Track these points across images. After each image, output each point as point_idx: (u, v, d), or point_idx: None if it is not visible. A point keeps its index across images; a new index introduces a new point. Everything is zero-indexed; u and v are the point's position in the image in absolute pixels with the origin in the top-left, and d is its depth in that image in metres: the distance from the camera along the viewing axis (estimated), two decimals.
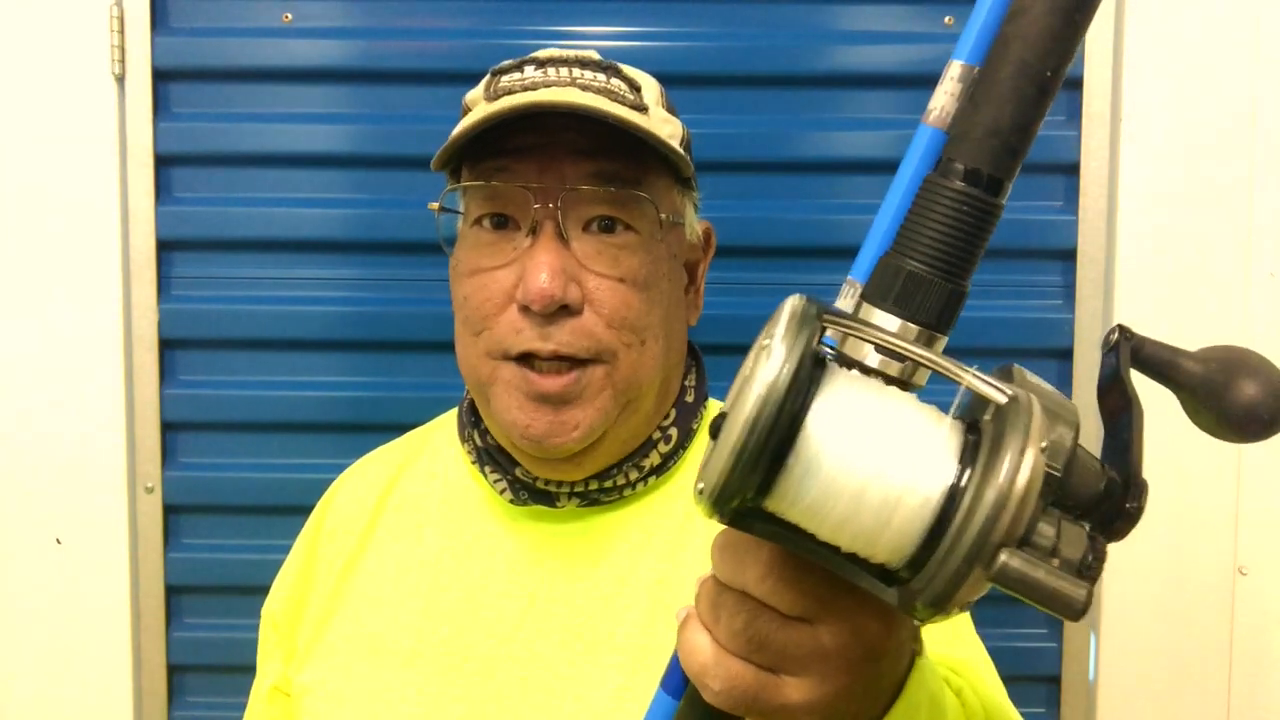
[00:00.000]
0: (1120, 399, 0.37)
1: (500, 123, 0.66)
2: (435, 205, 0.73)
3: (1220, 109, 1.10)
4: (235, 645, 1.09)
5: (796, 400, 0.33)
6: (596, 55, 0.73)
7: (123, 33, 1.11)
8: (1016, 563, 0.31)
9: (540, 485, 0.73)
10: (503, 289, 0.68)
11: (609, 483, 0.73)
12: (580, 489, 0.73)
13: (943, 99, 0.39)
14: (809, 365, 0.33)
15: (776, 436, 0.32)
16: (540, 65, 0.71)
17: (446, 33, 1.13)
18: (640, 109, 0.69)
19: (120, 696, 1.15)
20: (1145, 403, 0.37)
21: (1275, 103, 1.09)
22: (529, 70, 0.71)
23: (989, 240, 0.37)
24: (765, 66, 1.11)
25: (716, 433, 0.34)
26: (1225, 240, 1.10)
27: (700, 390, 0.79)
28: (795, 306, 0.34)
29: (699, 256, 0.79)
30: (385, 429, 0.90)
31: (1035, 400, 0.33)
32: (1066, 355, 1.13)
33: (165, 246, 1.14)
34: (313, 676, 0.74)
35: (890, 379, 0.37)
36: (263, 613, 0.81)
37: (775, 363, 0.32)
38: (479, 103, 0.71)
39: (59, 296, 1.13)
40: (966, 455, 0.33)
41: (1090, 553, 0.32)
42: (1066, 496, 0.33)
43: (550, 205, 0.67)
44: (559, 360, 0.67)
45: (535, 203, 0.67)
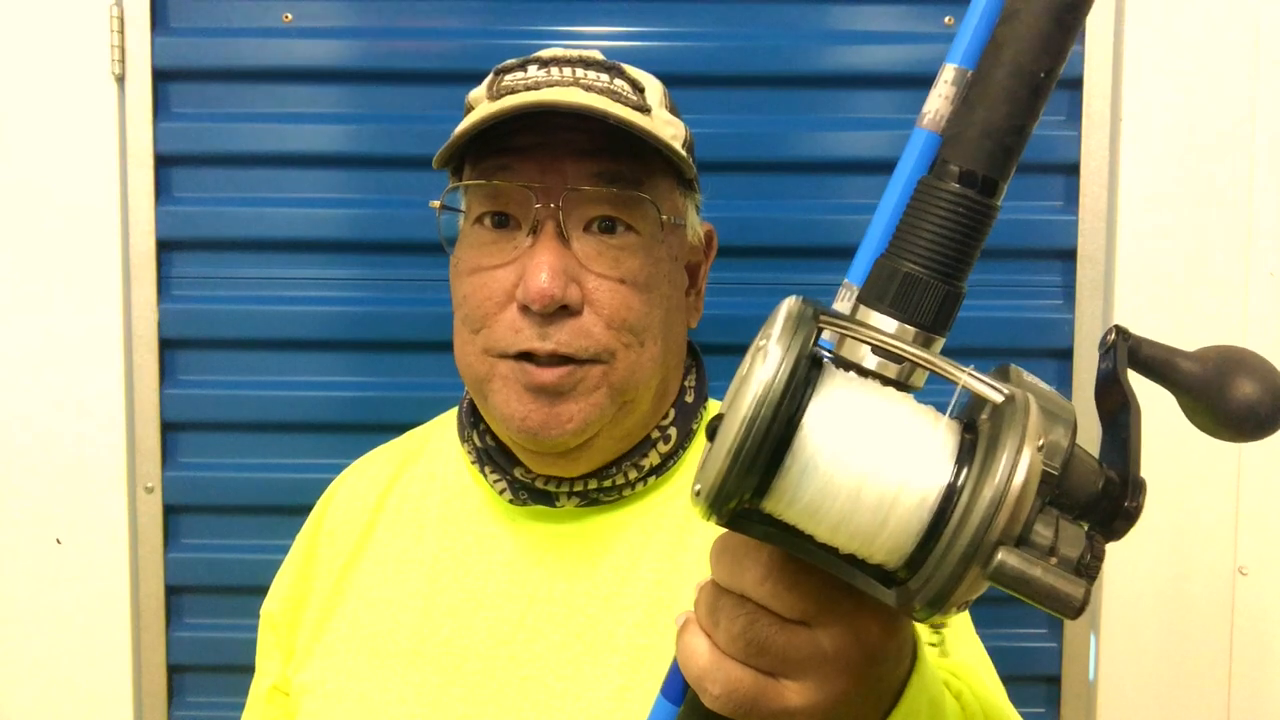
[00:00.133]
0: (1118, 399, 0.37)
1: (503, 122, 0.66)
2: (437, 203, 0.72)
3: (1220, 109, 1.10)
4: (235, 645, 1.09)
5: (793, 401, 0.33)
6: (600, 55, 0.73)
7: (123, 33, 1.11)
8: (1014, 561, 0.31)
9: (540, 485, 0.73)
10: (503, 288, 0.68)
11: (608, 482, 0.73)
12: (579, 489, 0.73)
13: (936, 102, 0.39)
14: (805, 366, 0.33)
15: (773, 437, 0.32)
16: (544, 65, 0.71)
17: (446, 33, 1.13)
18: (643, 110, 0.69)
19: (120, 696, 1.15)
20: (1144, 404, 0.37)
21: (1275, 103, 1.09)
22: (532, 69, 0.71)
23: (985, 241, 0.37)
24: (765, 66, 1.11)
25: (713, 434, 0.34)
26: (1225, 240, 1.10)
27: (700, 391, 0.79)
28: (791, 308, 0.34)
29: (700, 259, 0.79)
30: (385, 429, 0.90)
31: (1032, 399, 0.33)
32: (1066, 355, 1.13)
33: (165, 246, 1.14)
34: (312, 676, 0.74)
35: (888, 381, 0.37)
36: (261, 612, 0.81)
37: (771, 364, 0.32)
38: (482, 101, 0.71)
39: (59, 297, 1.13)
40: (963, 455, 0.33)
41: (1088, 552, 0.32)
42: (1064, 496, 0.34)
43: (551, 205, 0.67)
44: (557, 359, 0.67)
45: (536, 202, 0.67)
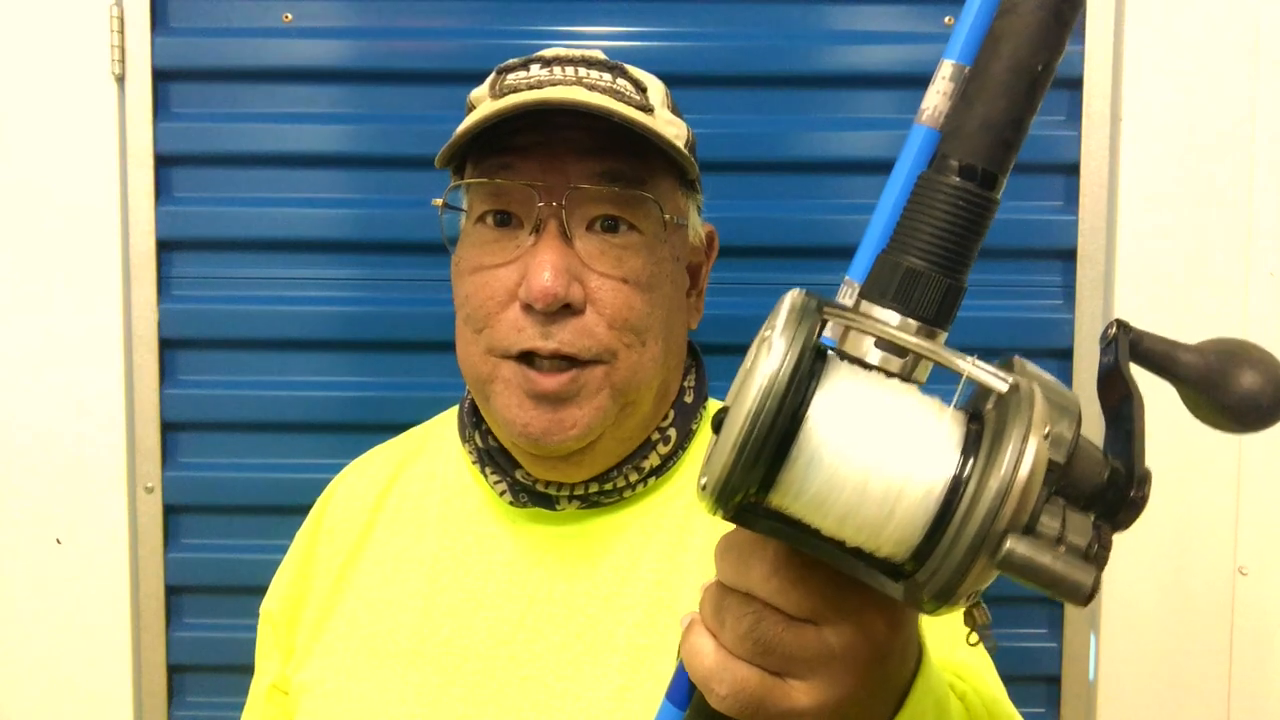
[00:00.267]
0: (1121, 391, 0.37)
1: (505, 120, 0.66)
2: (439, 201, 0.72)
3: (1220, 109, 1.09)
4: (235, 645, 1.09)
5: (798, 393, 0.33)
6: (602, 55, 0.73)
7: (123, 33, 1.11)
8: (1022, 549, 0.31)
9: (540, 488, 0.73)
10: (505, 287, 0.68)
11: (609, 485, 0.73)
12: (580, 492, 0.73)
13: (935, 98, 0.40)
14: (810, 358, 0.33)
15: (778, 430, 0.32)
16: (546, 64, 0.71)
17: (446, 33, 1.13)
18: (646, 109, 0.69)
19: (120, 696, 1.15)
20: (1144, 404, 0.36)
21: (1275, 103, 1.09)
22: (534, 69, 0.71)
23: (986, 235, 0.37)
24: (765, 66, 1.11)
25: (719, 427, 0.34)
26: (1225, 240, 1.10)
27: (700, 391, 0.78)
28: (795, 300, 0.34)
29: (701, 259, 0.79)
30: (385, 429, 0.90)
31: (1037, 389, 0.33)
32: (1066, 355, 1.13)
33: (165, 246, 1.14)
34: (311, 675, 0.74)
35: (891, 375, 0.37)
36: (261, 610, 0.81)
37: (776, 356, 0.32)
38: (484, 100, 0.70)
39: (59, 296, 1.13)
40: (969, 445, 0.33)
41: (1096, 541, 0.32)
42: (1070, 486, 0.33)
43: (554, 203, 0.67)
44: (559, 359, 0.67)
45: (539, 201, 0.67)
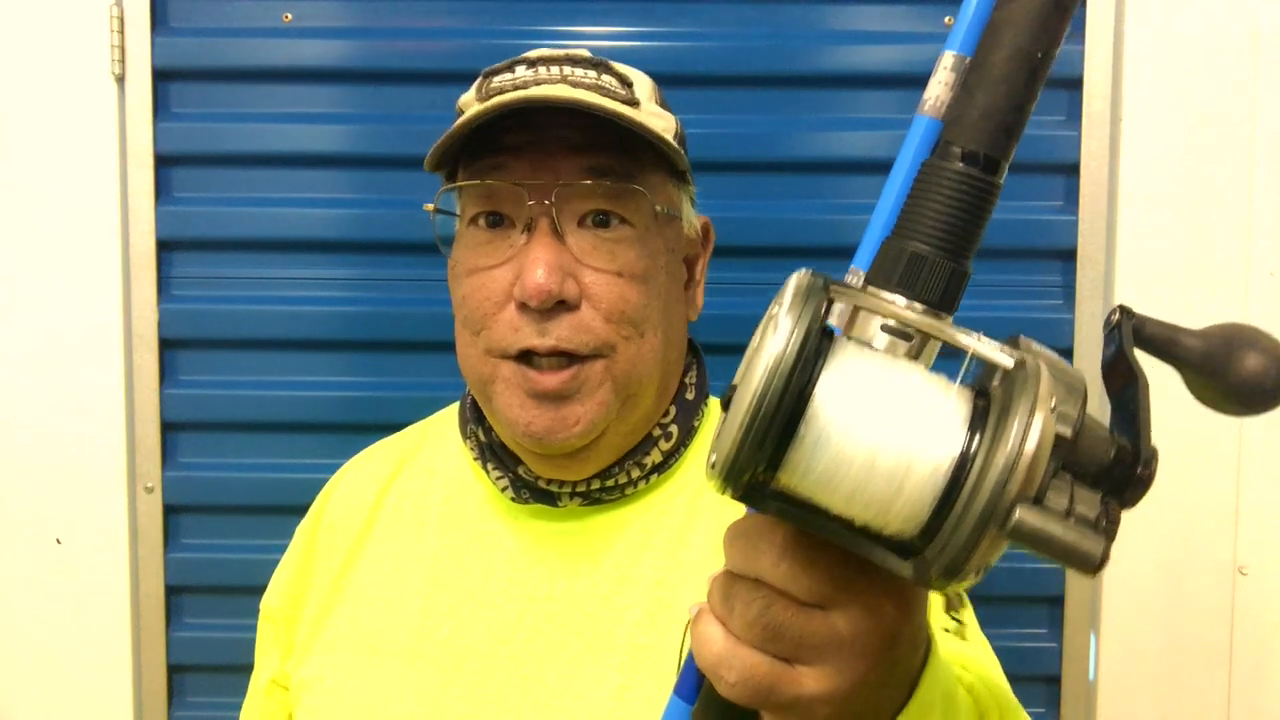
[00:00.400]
0: (1125, 375, 0.37)
1: (492, 121, 0.66)
2: (431, 206, 0.73)
3: (1220, 109, 1.09)
4: (235, 645, 1.08)
5: (805, 371, 0.33)
6: (587, 53, 0.73)
7: (123, 33, 1.11)
8: (1031, 519, 0.31)
9: (543, 485, 0.73)
10: (500, 287, 0.68)
11: (611, 481, 0.73)
12: (582, 489, 0.73)
13: (937, 89, 0.40)
14: (817, 335, 0.33)
15: (786, 407, 0.32)
16: (531, 65, 0.71)
17: (446, 33, 1.13)
18: (632, 104, 0.69)
19: (120, 696, 1.15)
20: (1149, 386, 0.37)
21: (1275, 103, 1.09)
22: (520, 70, 0.71)
23: (989, 220, 0.38)
24: (765, 66, 1.11)
25: (728, 405, 0.34)
26: (1225, 240, 1.10)
27: (701, 388, 0.79)
28: (801, 279, 0.35)
29: (698, 251, 0.79)
30: (385, 429, 0.90)
31: (1043, 364, 0.33)
32: (1067, 355, 1.13)
33: (165, 246, 1.14)
34: (311, 672, 0.74)
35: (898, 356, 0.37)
36: (260, 606, 0.81)
37: (783, 333, 0.33)
38: (472, 105, 0.71)
39: (59, 296, 1.13)
40: (976, 420, 0.33)
41: (1104, 516, 0.32)
42: (1077, 463, 0.33)
43: (544, 202, 0.67)
44: (558, 356, 0.67)
45: (529, 200, 0.67)
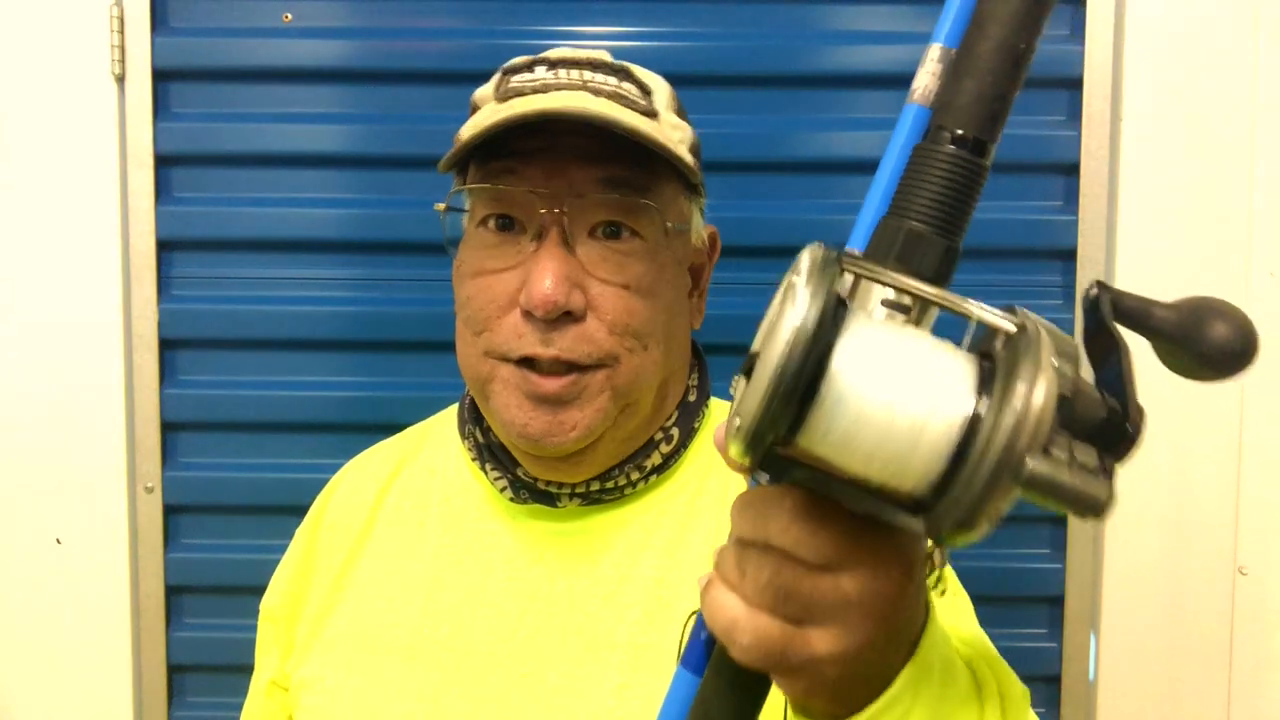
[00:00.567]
0: (1107, 343, 0.39)
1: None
2: (441, 206, 0.72)
3: (1220, 109, 1.10)
4: (235, 645, 1.08)
5: (824, 337, 0.35)
6: (608, 56, 0.72)
7: (123, 33, 1.11)
8: (1043, 467, 0.33)
9: (541, 486, 0.73)
10: (506, 292, 0.68)
11: (610, 483, 0.73)
12: (581, 489, 0.73)
13: (925, 79, 0.44)
14: (834, 303, 0.35)
15: (809, 372, 0.34)
16: (551, 66, 0.70)
17: (446, 33, 1.13)
18: (651, 114, 0.69)
19: (120, 696, 1.15)
20: (1130, 351, 0.38)
21: (1275, 102, 1.09)
22: (540, 71, 0.70)
23: (978, 200, 0.40)
24: (765, 66, 1.11)
25: (749, 372, 0.36)
26: (1225, 240, 1.10)
27: (703, 389, 0.79)
28: (815, 252, 0.37)
29: (703, 260, 0.79)
30: (385, 429, 0.90)
31: (1043, 327, 0.35)
32: None
33: (165, 246, 1.14)
34: (311, 672, 0.74)
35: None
36: (261, 607, 0.81)
37: (803, 303, 0.34)
38: (488, 101, 0.70)
39: (59, 296, 1.13)
40: (984, 380, 0.35)
41: (1101, 467, 0.34)
42: (1074, 422, 0.35)
43: (556, 210, 0.66)
44: (560, 365, 0.67)
45: (541, 207, 0.66)
